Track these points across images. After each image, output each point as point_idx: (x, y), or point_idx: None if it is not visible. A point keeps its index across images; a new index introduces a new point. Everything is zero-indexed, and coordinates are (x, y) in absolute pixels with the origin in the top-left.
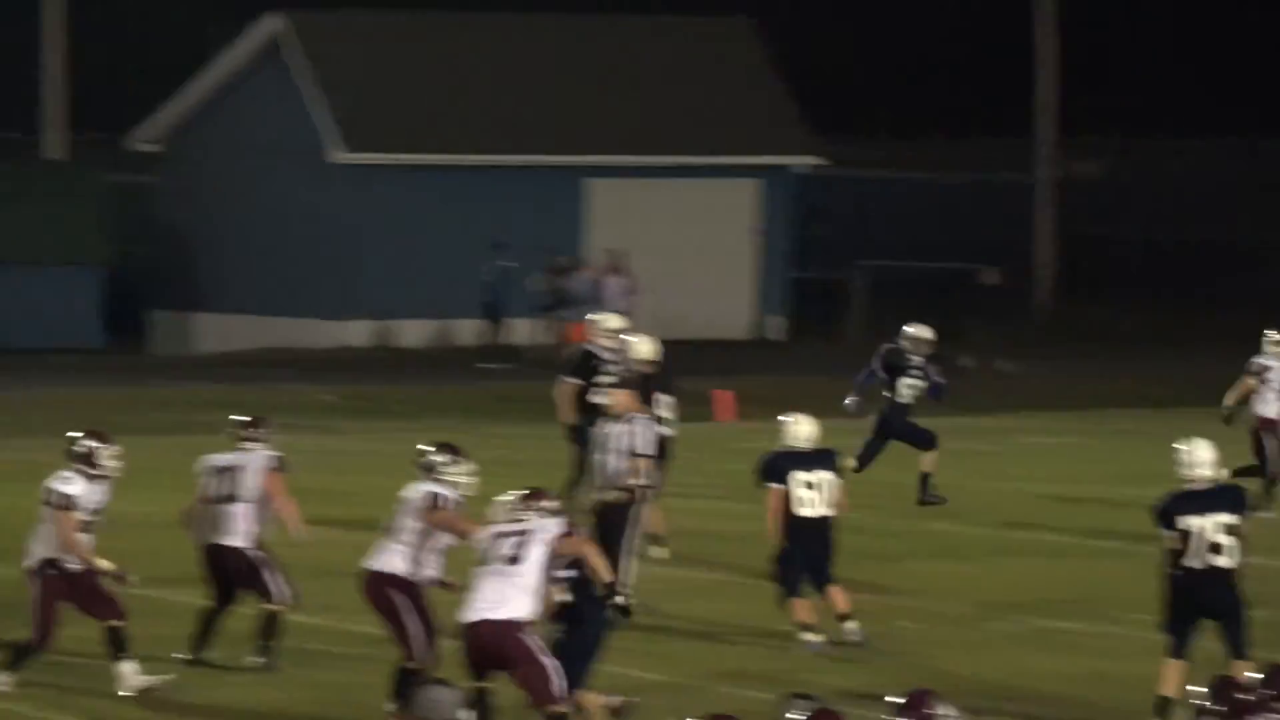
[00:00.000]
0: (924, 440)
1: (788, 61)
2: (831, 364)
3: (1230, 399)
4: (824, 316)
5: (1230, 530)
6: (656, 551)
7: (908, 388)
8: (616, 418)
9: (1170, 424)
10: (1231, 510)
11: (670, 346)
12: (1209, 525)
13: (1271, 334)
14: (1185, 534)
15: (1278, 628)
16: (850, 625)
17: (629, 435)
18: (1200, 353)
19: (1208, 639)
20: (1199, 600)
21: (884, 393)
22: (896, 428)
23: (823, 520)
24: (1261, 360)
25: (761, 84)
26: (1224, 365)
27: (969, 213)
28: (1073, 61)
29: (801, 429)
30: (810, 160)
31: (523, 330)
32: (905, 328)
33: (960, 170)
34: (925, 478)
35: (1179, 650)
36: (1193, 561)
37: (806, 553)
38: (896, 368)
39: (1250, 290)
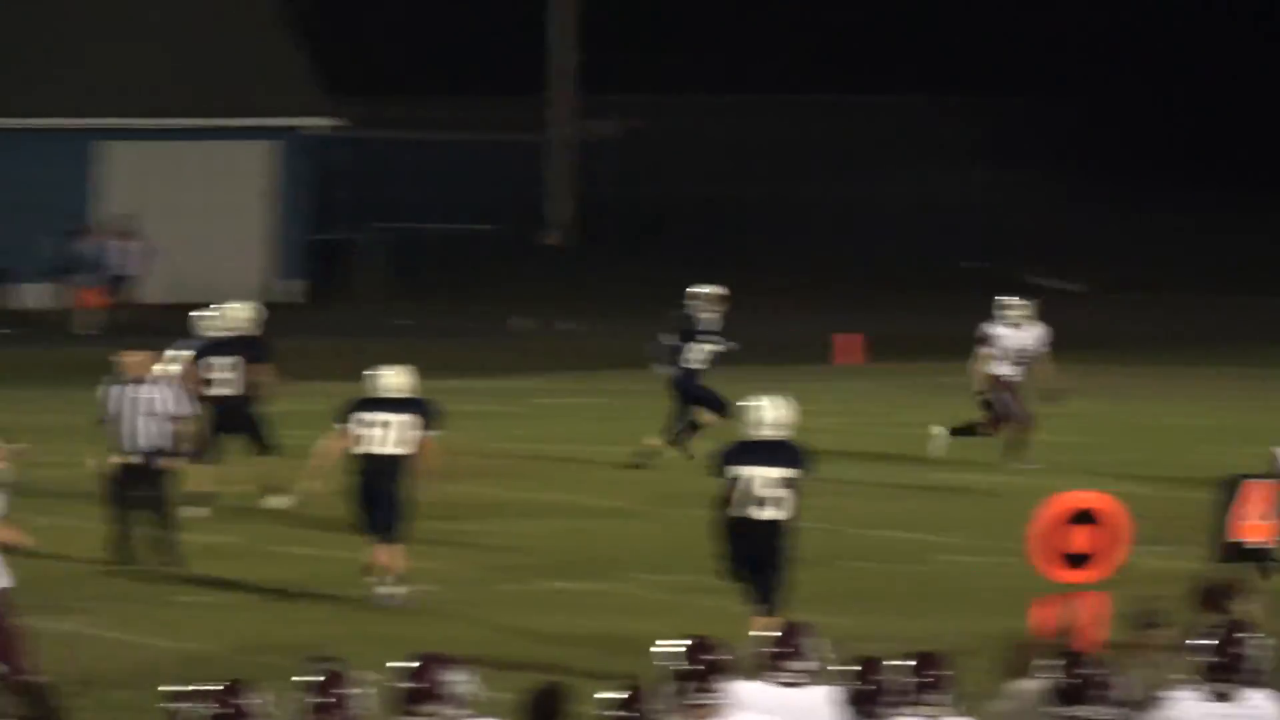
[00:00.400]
0: (718, 406)
1: (304, 22)
2: (350, 326)
3: (976, 374)
4: (342, 279)
5: (782, 484)
6: (195, 511)
7: (701, 351)
8: (138, 381)
9: None
10: (786, 465)
11: (185, 310)
12: (759, 477)
13: (1003, 300)
14: (738, 482)
15: (818, 585)
16: (394, 588)
17: (160, 399)
18: (755, 308)
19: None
20: (742, 549)
21: (674, 359)
22: (691, 392)
23: (384, 458)
24: (990, 328)
25: (276, 45)
26: (753, 323)
27: (490, 172)
28: (589, 21)
29: (390, 381)
30: (326, 122)
31: (32, 295)
32: (691, 289)
33: (480, 130)
34: (694, 426)
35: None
36: (737, 510)
37: (373, 490)
38: (689, 333)
39: (772, 246)
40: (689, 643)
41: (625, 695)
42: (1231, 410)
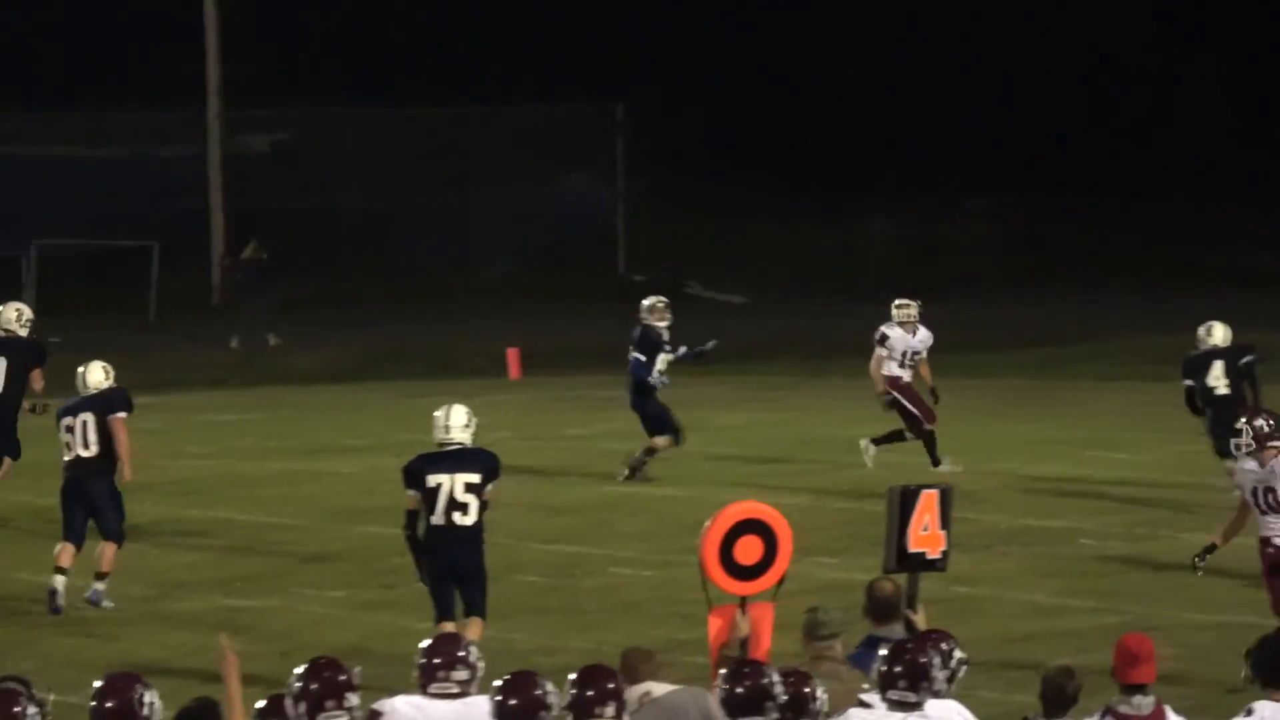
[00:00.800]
0: (669, 428)
1: None
2: None
3: (876, 378)
4: None
5: (471, 489)
6: None
7: (665, 362)
8: None
9: (345, 396)
10: (478, 471)
11: None
12: (456, 485)
13: (899, 301)
14: (433, 492)
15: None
16: (99, 585)
17: None
18: (374, 322)
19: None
20: (443, 558)
21: (640, 371)
22: (647, 406)
23: (79, 460)
24: (884, 329)
25: None
26: (401, 334)
27: (142, 187)
28: (232, 34)
29: (89, 377)
30: None
31: None
32: (644, 301)
33: (131, 145)
34: (651, 451)
35: (445, 612)
36: (437, 519)
37: (78, 494)
38: (653, 344)
39: (427, 258)
40: (311, 662)
41: (262, 706)
42: (894, 420)
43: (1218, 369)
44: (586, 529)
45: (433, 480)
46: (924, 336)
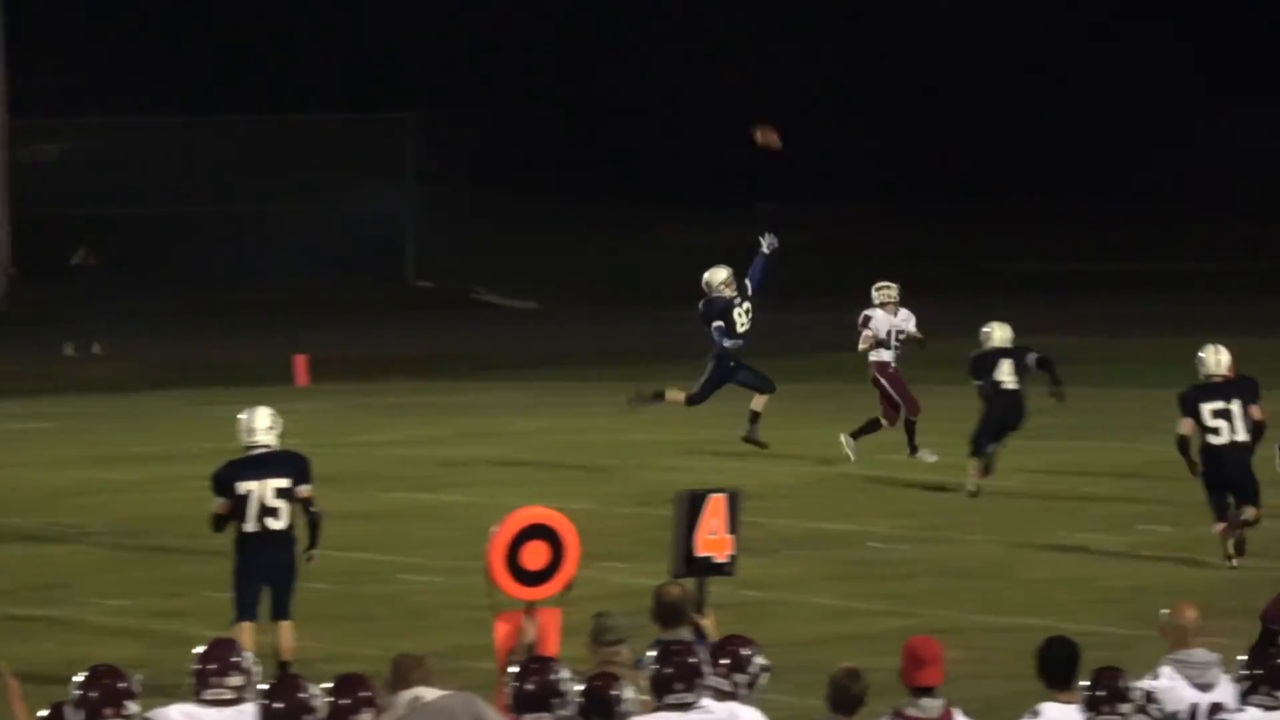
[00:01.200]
0: (762, 384)
1: None
2: None
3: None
4: None
5: (282, 494)
6: None
7: (749, 311)
8: None
9: (134, 405)
10: (288, 475)
11: None
12: (267, 491)
13: (878, 283)
14: (244, 499)
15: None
16: None
17: None
18: (163, 330)
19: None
20: (257, 561)
21: (721, 338)
22: (732, 369)
23: None
24: (867, 312)
25: None
26: (189, 343)
27: None
28: (19, 43)
29: None
30: None
31: None
32: (705, 276)
33: None
34: (756, 416)
35: (247, 612)
36: (250, 526)
37: None
38: (722, 310)
39: (210, 264)
40: (90, 670)
41: (45, 715)
42: (683, 426)
43: (1006, 366)
44: (375, 536)
45: (242, 488)
46: (905, 315)
